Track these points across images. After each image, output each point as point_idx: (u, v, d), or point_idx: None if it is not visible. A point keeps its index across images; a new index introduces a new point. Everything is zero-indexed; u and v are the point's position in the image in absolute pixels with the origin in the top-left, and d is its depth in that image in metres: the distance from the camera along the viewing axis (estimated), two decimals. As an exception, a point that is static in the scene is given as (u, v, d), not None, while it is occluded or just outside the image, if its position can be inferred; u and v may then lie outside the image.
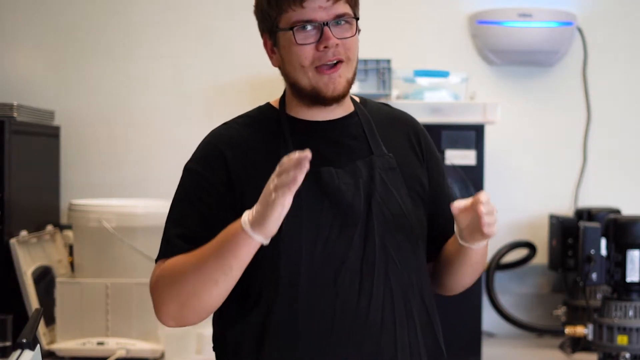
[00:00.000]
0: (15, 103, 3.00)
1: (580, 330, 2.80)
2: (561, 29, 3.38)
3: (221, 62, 3.47)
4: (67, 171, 3.44)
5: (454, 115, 2.99)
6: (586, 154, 3.46)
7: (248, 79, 3.45)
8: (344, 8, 1.71)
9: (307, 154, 1.51)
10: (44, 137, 3.30)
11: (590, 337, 2.77)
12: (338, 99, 1.74)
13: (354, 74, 1.76)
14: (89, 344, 2.85)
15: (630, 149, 3.48)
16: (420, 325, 1.74)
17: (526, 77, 3.47)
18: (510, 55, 3.42)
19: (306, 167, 1.52)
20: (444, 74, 3.16)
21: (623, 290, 2.75)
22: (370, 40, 3.39)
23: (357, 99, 1.86)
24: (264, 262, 1.67)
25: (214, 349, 1.80)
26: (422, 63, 3.26)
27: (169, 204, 1.90)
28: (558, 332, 3.10)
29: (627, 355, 2.69)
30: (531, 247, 3.33)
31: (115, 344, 2.85)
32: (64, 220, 3.31)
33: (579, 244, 2.85)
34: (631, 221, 2.76)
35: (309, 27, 1.70)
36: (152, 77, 3.49)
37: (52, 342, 2.90)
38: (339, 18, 1.71)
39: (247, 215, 1.59)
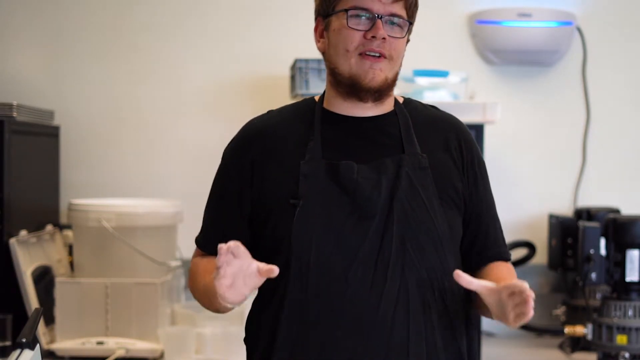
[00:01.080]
0: (14, 103, 2.99)
1: (579, 330, 2.80)
2: (561, 29, 3.38)
3: (221, 62, 3.47)
4: (67, 171, 3.44)
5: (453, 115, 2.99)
6: (586, 154, 3.46)
7: (248, 79, 3.45)
8: (400, 10, 1.76)
9: (261, 267, 1.59)
10: (44, 136, 3.30)
11: (589, 336, 2.77)
12: (373, 92, 1.77)
13: (395, 76, 1.80)
14: (88, 344, 2.85)
15: (630, 149, 3.48)
16: (440, 325, 1.72)
17: (526, 76, 3.47)
18: (510, 55, 3.42)
19: (238, 261, 1.58)
20: (443, 74, 3.16)
21: (622, 289, 2.75)
22: (370, 40, 3.42)
23: (401, 99, 1.88)
24: (278, 254, 1.71)
25: (244, 339, 1.87)
26: (421, 63, 3.26)
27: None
28: (557, 332, 3.11)
29: (627, 354, 2.70)
30: (531, 247, 3.33)
31: (114, 343, 2.85)
32: (63, 220, 3.31)
33: (579, 243, 2.85)
34: (630, 221, 2.76)
35: (363, 16, 1.74)
36: (152, 77, 3.49)
37: (51, 341, 2.90)
38: (393, 16, 1.75)
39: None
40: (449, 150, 1.80)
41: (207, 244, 1.85)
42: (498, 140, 3.33)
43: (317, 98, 1.86)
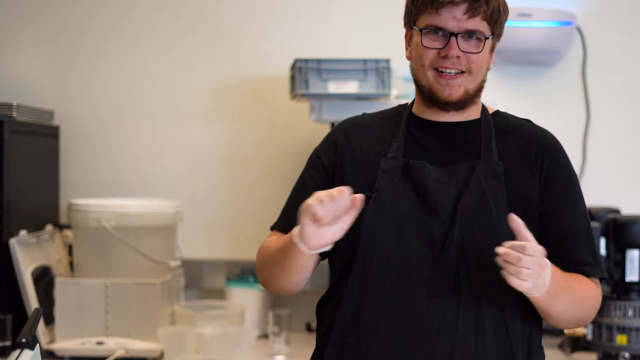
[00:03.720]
0: (14, 103, 2.99)
1: (579, 330, 2.80)
2: (560, 29, 3.38)
3: (221, 62, 3.47)
4: (67, 171, 3.44)
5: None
6: (585, 154, 3.46)
7: (248, 79, 3.45)
8: (477, 25, 1.77)
9: (355, 196, 1.62)
10: (44, 136, 3.30)
11: (589, 336, 2.77)
12: (452, 104, 1.80)
13: (479, 86, 1.82)
14: (88, 344, 2.85)
15: (630, 149, 3.48)
16: (495, 338, 1.71)
17: (525, 76, 3.47)
18: (510, 55, 3.42)
19: (347, 207, 1.63)
20: (443, 74, 3.16)
21: (622, 289, 2.75)
22: (370, 40, 3.42)
23: (491, 110, 1.89)
24: (345, 246, 1.77)
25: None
26: (421, 63, 3.26)
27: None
28: (557, 332, 3.10)
29: (627, 354, 2.69)
30: (531, 247, 3.33)
31: (114, 343, 2.85)
32: (63, 220, 3.31)
33: (579, 243, 2.85)
34: (630, 221, 2.76)
35: (440, 33, 1.77)
36: (152, 77, 3.49)
37: (51, 341, 2.90)
38: (469, 33, 1.76)
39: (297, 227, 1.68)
40: (528, 158, 1.80)
41: (282, 224, 1.88)
42: (498, 140, 3.33)
43: (408, 103, 1.93)
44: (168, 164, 3.47)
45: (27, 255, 2.93)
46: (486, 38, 1.78)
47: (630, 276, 2.73)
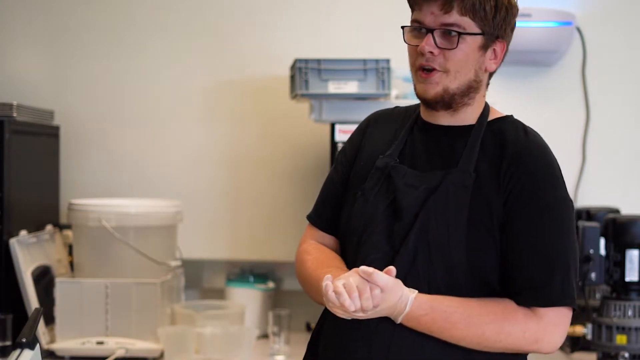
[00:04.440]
0: (14, 103, 2.99)
1: (579, 329, 2.80)
2: (560, 29, 3.38)
3: (221, 62, 3.47)
4: (67, 171, 3.44)
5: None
6: (585, 154, 3.46)
7: (248, 79, 3.45)
8: (455, 19, 1.73)
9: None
10: (44, 136, 3.30)
11: (589, 336, 2.77)
12: (431, 102, 1.78)
13: (466, 87, 1.78)
14: (88, 344, 2.85)
15: (630, 149, 3.48)
16: (433, 343, 1.71)
17: (525, 76, 3.47)
18: (509, 55, 3.38)
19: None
20: (443, 74, 3.16)
21: (622, 289, 2.75)
22: (370, 40, 3.42)
23: (498, 114, 1.87)
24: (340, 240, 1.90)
25: None
26: (421, 63, 3.26)
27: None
28: (557, 332, 3.10)
29: (626, 354, 2.69)
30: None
31: (114, 343, 2.85)
32: (63, 219, 3.31)
33: (578, 243, 2.85)
34: (630, 221, 2.76)
35: (422, 30, 1.76)
36: (152, 77, 3.49)
37: (51, 341, 2.90)
38: (446, 27, 1.73)
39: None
40: (498, 171, 1.75)
41: (318, 218, 1.94)
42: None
43: None
44: (168, 164, 3.47)
45: (27, 255, 2.93)
46: (462, 34, 1.73)
47: (630, 276, 2.73)
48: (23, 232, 2.96)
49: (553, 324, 1.70)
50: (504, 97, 3.38)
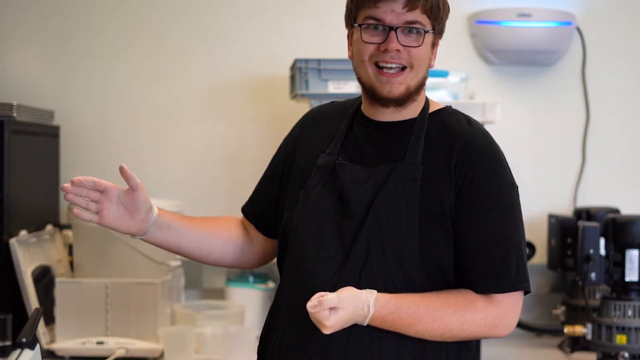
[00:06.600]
0: (14, 103, 2.99)
1: (579, 329, 2.80)
2: (560, 29, 3.38)
3: (221, 62, 3.47)
4: (67, 171, 3.44)
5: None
6: (585, 154, 3.46)
7: (248, 79, 3.46)
8: (417, 17, 1.75)
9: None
10: (44, 136, 3.30)
11: (589, 336, 2.77)
12: (393, 102, 1.79)
13: (419, 82, 1.80)
14: (88, 344, 2.86)
15: (630, 149, 3.48)
16: (390, 337, 1.72)
17: (525, 76, 3.47)
18: (510, 55, 3.42)
19: None
20: (443, 74, 3.16)
21: (622, 289, 2.75)
22: (370, 40, 3.42)
23: (437, 107, 1.87)
24: (280, 242, 1.90)
25: None
26: (421, 63, 3.26)
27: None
28: (557, 332, 3.11)
29: (626, 354, 2.70)
30: (530, 247, 3.33)
31: (114, 343, 2.85)
32: (63, 220, 3.31)
33: (578, 243, 2.85)
34: (630, 221, 2.76)
35: (379, 28, 1.76)
36: (152, 77, 3.49)
37: (51, 341, 2.90)
38: (409, 25, 1.75)
39: None
40: (448, 163, 1.76)
41: (244, 207, 2.04)
42: (497, 140, 3.32)
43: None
44: (168, 164, 3.48)
45: (27, 255, 2.93)
46: (426, 32, 1.77)
47: (630, 276, 2.74)
48: (23, 232, 2.96)
49: (510, 308, 1.76)
50: (504, 97, 3.39)
